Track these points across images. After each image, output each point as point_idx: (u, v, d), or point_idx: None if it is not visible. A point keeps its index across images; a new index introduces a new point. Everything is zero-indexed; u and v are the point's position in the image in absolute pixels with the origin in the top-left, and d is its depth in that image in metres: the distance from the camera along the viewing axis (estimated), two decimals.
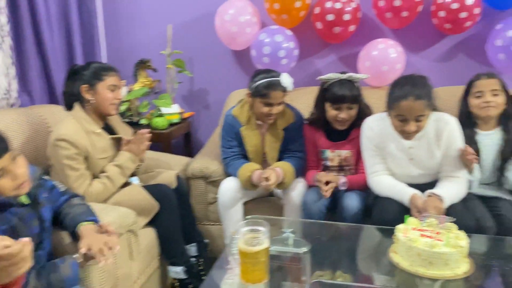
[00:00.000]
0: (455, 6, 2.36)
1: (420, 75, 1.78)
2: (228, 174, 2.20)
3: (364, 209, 1.92)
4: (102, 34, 2.91)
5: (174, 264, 1.92)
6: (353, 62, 2.72)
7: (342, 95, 1.95)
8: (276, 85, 2.01)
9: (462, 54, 2.67)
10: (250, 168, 2.06)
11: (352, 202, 1.92)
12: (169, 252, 1.94)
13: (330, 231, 1.85)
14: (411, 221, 1.50)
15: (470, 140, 1.90)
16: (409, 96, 1.66)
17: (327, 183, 1.96)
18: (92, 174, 1.84)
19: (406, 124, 1.71)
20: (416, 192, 1.77)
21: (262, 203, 2.24)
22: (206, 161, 2.25)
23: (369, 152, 1.92)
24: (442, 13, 2.43)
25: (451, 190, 1.77)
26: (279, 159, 2.18)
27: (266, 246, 1.29)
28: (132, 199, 1.85)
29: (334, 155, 2.11)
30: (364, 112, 2.03)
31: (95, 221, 1.43)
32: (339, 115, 1.98)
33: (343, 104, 1.96)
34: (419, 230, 1.44)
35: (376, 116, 1.92)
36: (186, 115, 2.97)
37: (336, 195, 2.02)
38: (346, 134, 2.07)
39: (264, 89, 2.01)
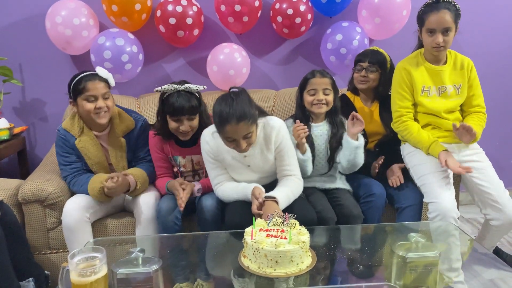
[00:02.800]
0: (290, 11, 2.51)
1: (236, 91, 1.76)
2: (73, 193, 2.01)
3: (221, 207, 1.91)
4: None
5: None
6: (202, 66, 2.71)
7: (180, 106, 1.88)
8: (93, 76, 1.93)
9: (300, 57, 2.86)
10: (100, 179, 1.91)
11: (208, 202, 1.90)
12: None
13: (185, 242, 1.80)
14: (258, 222, 1.52)
15: None
16: (231, 120, 1.65)
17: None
18: None
19: (238, 143, 1.71)
20: (257, 185, 1.82)
21: (113, 221, 2.05)
22: (41, 182, 1.97)
23: (210, 165, 1.92)
24: (279, 18, 2.56)
25: (286, 190, 1.83)
26: (130, 167, 2.08)
27: (103, 274, 1.17)
28: None
29: (186, 160, 2.07)
30: (205, 122, 1.99)
31: None
32: (180, 127, 1.93)
33: (183, 116, 1.91)
34: (265, 230, 1.46)
35: (208, 130, 1.90)
36: (17, 130, 2.59)
37: (193, 200, 1.99)
38: (195, 139, 2.03)
39: (80, 84, 1.92)
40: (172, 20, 2.44)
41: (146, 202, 1.96)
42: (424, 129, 2.07)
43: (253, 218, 1.53)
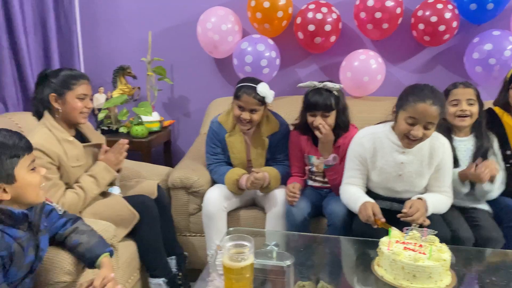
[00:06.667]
0: (434, 19, 2.41)
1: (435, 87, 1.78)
2: (213, 182, 2.22)
3: (351, 214, 1.92)
4: (79, 39, 2.85)
5: (155, 276, 1.88)
6: (335, 72, 2.74)
7: (314, 101, 1.98)
8: (249, 90, 2.04)
9: (440, 66, 2.72)
10: (237, 172, 2.11)
11: (338, 207, 1.93)
12: (150, 264, 1.89)
13: (313, 243, 1.85)
14: (394, 234, 1.51)
15: None
16: (427, 99, 1.67)
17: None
18: (66, 184, 1.78)
19: (413, 128, 1.70)
20: (369, 200, 1.79)
21: (245, 213, 2.21)
22: (187, 171, 2.21)
23: (352, 164, 1.92)
24: (421, 26, 2.47)
25: (436, 197, 1.80)
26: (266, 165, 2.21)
27: (250, 262, 1.28)
28: (112, 209, 1.80)
29: (319, 161, 2.12)
30: (343, 123, 2.04)
31: (111, 252, 1.46)
32: (313, 122, 2.01)
33: (317, 112, 1.99)
34: (402, 243, 1.45)
35: (366, 130, 1.91)
36: (166, 123, 2.93)
37: (321, 202, 2.06)
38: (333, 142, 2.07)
39: (238, 91, 2.06)
40: (311, 27, 2.52)
41: (278, 199, 2.07)
42: None
43: (389, 229, 1.53)
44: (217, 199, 2.09)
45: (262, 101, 2.05)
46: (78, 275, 1.45)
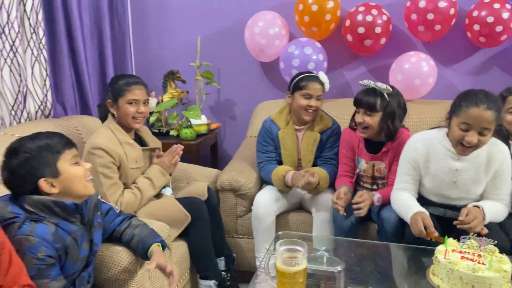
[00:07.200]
0: (490, 19, 2.32)
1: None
2: (260, 185, 2.26)
3: (402, 219, 1.87)
4: (131, 46, 2.96)
5: (205, 278, 1.92)
6: (384, 75, 2.70)
7: (358, 98, 2.00)
8: (314, 78, 2.17)
9: (496, 68, 2.61)
10: (284, 169, 2.15)
11: (388, 212, 1.89)
12: (201, 265, 1.94)
13: (363, 249, 1.83)
14: (451, 242, 1.46)
15: None
16: (480, 104, 1.61)
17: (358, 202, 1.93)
18: (124, 184, 1.86)
19: (467, 134, 1.65)
20: (420, 209, 1.73)
21: (293, 216, 2.22)
22: (236, 174, 2.24)
23: (404, 170, 1.88)
24: (476, 27, 2.39)
25: (494, 207, 1.73)
26: (314, 164, 2.22)
27: (304, 267, 1.28)
28: (165, 209, 1.87)
29: (368, 166, 2.10)
30: (393, 125, 1.98)
31: (163, 242, 1.52)
32: (357, 118, 2.01)
33: (360, 109, 2.00)
34: (459, 252, 1.41)
35: (421, 135, 1.87)
36: (213, 126, 2.99)
37: (370, 207, 2.01)
38: (381, 146, 2.05)
39: (303, 81, 2.16)
40: (361, 30, 2.49)
41: (325, 203, 2.06)
42: None
43: (446, 236, 1.48)
44: (267, 202, 2.11)
45: (324, 87, 2.18)
46: (136, 273, 1.50)
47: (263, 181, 2.33)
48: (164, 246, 1.52)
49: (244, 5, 2.86)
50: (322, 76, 2.18)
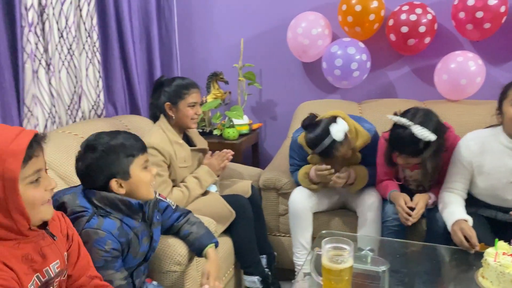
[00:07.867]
0: None
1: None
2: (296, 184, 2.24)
3: None
4: (177, 48, 3.06)
5: (250, 273, 1.97)
6: (429, 75, 2.65)
7: (398, 142, 1.81)
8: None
9: None
10: (308, 166, 2.11)
11: (438, 213, 1.84)
12: (245, 261, 1.99)
13: (410, 250, 1.81)
14: (501, 245, 1.43)
15: None
16: None
17: (411, 208, 1.87)
18: (172, 182, 1.94)
19: None
20: (463, 217, 1.67)
21: (335, 215, 2.23)
22: (278, 173, 2.28)
23: (456, 169, 1.83)
24: None
25: None
26: None
27: (350, 265, 1.30)
28: (211, 206, 1.93)
29: (414, 173, 2.02)
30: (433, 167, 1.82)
31: (216, 243, 1.58)
32: (398, 160, 1.86)
33: (401, 154, 1.82)
34: (510, 255, 1.38)
35: (475, 133, 1.81)
36: (254, 126, 3.04)
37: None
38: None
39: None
40: (404, 29, 2.46)
41: (371, 204, 2.04)
42: None
43: (496, 239, 1.45)
44: (301, 199, 2.12)
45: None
46: (188, 266, 1.57)
47: None
48: (217, 246, 1.58)
49: (287, 7, 2.89)
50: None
